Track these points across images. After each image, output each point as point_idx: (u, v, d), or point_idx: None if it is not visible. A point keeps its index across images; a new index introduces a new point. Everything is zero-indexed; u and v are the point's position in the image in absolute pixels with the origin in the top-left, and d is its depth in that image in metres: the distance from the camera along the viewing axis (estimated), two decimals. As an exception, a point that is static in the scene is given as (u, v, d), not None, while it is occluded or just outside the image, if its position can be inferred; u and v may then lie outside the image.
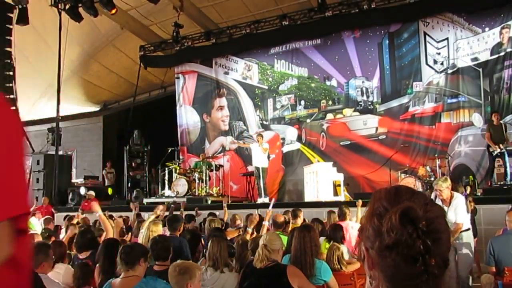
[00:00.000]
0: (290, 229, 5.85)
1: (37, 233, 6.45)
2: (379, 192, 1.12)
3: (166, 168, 14.27)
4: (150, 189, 15.69)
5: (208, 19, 16.16)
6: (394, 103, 13.61)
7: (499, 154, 10.29)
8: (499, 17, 12.17)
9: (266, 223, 5.94)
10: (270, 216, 6.13)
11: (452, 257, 5.58)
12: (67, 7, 13.75)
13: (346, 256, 5.36)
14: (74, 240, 5.43)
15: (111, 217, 9.04)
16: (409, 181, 11.08)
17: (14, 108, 12.78)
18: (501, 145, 10.18)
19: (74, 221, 8.00)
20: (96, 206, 5.55)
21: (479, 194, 9.90)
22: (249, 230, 6.18)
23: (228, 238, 6.21)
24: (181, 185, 13.36)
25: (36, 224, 8.43)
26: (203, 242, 6.31)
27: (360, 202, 7.65)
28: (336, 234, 5.60)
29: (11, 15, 13.19)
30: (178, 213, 8.04)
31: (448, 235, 1.05)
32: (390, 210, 1.04)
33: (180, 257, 5.15)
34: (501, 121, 10.69)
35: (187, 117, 16.95)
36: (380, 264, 1.05)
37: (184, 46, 16.24)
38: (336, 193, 11.00)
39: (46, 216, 9.51)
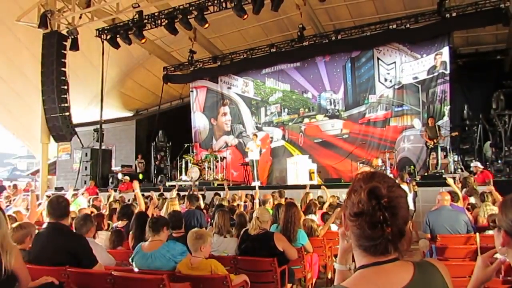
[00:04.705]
0: (273, 205, 5.87)
1: (85, 207, 6.40)
2: (360, 174, 1.12)
3: (183, 159, 14.21)
4: (171, 175, 15.63)
5: (215, 47, 16.12)
6: (355, 111, 13.61)
7: (432, 147, 10.46)
8: (433, 46, 12.20)
9: (257, 201, 5.98)
10: (258, 195, 6.27)
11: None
12: (108, 37, 13.71)
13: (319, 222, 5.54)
14: (117, 211, 5.34)
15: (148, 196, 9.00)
16: (366, 170, 11.09)
17: (68, 113, 12.82)
18: (434, 140, 10.36)
19: (112, 199, 7.90)
20: (135, 184, 5.35)
21: (418, 179, 9.92)
22: (241, 203, 6.25)
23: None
24: (194, 172, 13.30)
25: (82, 202, 8.34)
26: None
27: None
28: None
29: (65, 43, 13.24)
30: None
31: (405, 212, 1.04)
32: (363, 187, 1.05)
33: (197, 225, 5.16)
34: (435, 124, 10.77)
35: (199, 121, 16.85)
36: (351, 226, 1.06)
37: (197, 67, 16.20)
38: (311, 178, 11.02)
39: (94, 196, 9.45)
